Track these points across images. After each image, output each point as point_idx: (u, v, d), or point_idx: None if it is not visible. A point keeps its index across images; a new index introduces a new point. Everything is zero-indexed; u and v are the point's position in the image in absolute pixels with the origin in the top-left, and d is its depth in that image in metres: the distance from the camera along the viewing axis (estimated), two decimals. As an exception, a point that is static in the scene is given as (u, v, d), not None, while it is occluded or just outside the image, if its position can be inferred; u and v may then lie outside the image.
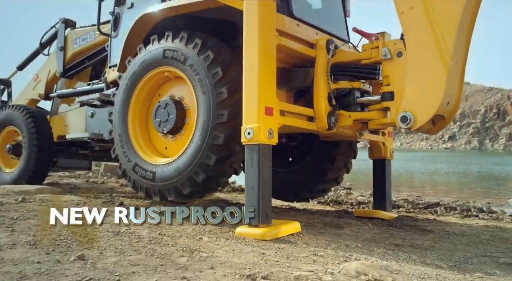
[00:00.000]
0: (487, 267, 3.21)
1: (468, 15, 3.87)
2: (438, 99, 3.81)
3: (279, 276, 2.52)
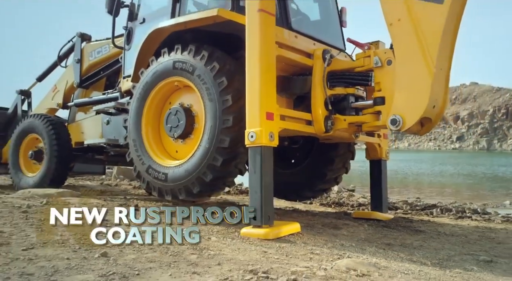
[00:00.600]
0: (466, 264, 3.54)
1: (451, 26, 4.20)
2: (424, 103, 4.14)
3: (278, 271, 2.86)
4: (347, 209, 6.89)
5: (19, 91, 8.00)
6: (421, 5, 4.20)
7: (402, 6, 4.28)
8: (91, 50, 6.89)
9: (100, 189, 8.57)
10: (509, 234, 5.16)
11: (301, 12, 5.74)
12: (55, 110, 7.34)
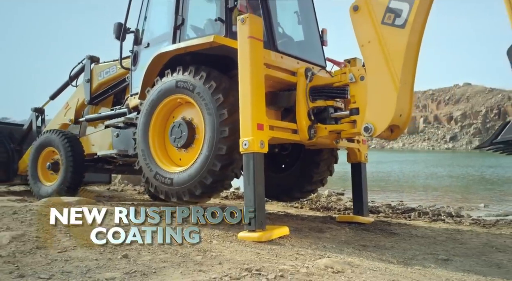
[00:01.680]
0: (426, 262, 4.19)
1: (412, 47, 4.87)
2: (391, 112, 4.81)
3: (268, 269, 3.50)
4: (334, 213, 7.53)
5: (33, 109, 8.62)
6: (387, 29, 4.90)
7: (371, 30, 4.98)
8: (100, 71, 7.49)
9: (108, 194, 9.21)
10: (473, 235, 5.81)
11: (286, 34, 6.36)
12: (68, 125, 7.94)
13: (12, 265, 3.39)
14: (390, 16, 4.92)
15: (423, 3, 4.83)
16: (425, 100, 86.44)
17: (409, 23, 4.81)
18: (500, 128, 4.10)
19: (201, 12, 6.30)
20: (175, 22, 5.78)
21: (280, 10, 6.36)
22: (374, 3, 5.03)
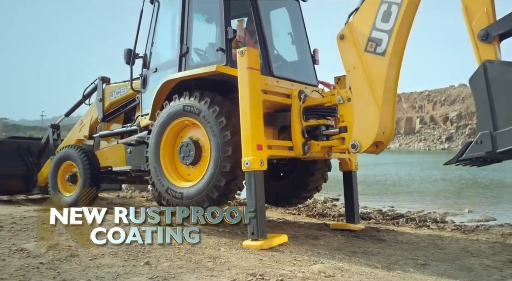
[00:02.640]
0: (407, 267, 4.78)
1: (392, 71, 5.49)
2: (375, 130, 5.43)
3: (270, 274, 4.09)
4: (329, 220, 8.11)
5: (50, 125, 9.25)
6: (370, 56, 5.52)
7: (356, 57, 5.61)
8: (111, 91, 8.06)
9: (118, 201, 9.80)
10: (452, 241, 6.40)
11: (281, 57, 6.92)
12: (83, 140, 8.50)
13: (54, 271, 3.96)
14: (372, 44, 5.55)
15: (400, 34, 5.45)
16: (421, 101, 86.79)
17: (388, 52, 5.44)
18: (464, 147, 4.71)
19: (203, 37, 6.89)
20: (180, 50, 6.35)
21: (274, 32, 6.95)
22: (357, 33, 5.65)
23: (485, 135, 4.53)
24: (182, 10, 6.41)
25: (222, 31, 6.01)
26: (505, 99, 4.49)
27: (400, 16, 5.37)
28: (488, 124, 4.54)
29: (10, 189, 8.96)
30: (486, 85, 4.57)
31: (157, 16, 6.97)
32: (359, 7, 5.70)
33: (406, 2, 5.34)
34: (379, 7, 5.50)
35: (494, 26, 4.71)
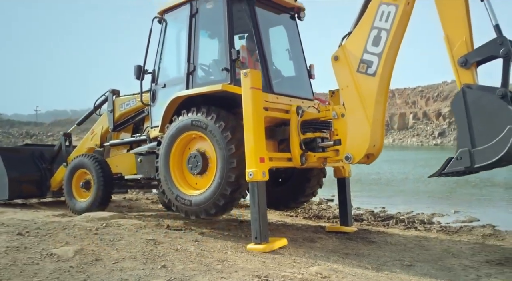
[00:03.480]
0: (394, 268, 5.31)
1: (382, 91, 6.02)
2: (366, 144, 5.97)
3: (273, 275, 4.60)
4: (324, 222, 8.65)
5: (63, 134, 9.72)
6: (361, 77, 6.05)
7: (349, 76, 6.14)
8: (121, 103, 8.56)
9: (126, 204, 10.30)
10: (437, 242, 6.94)
11: (280, 73, 7.40)
12: (93, 148, 9.00)
13: (83, 274, 4.44)
14: (363, 66, 6.07)
15: (389, 57, 5.97)
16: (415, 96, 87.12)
17: (378, 73, 5.96)
18: (446, 162, 5.27)
19: (209, 55, 7.38)
20: (188, 69, 6.84)
21: (273, 49, 7.44)
22: (350, 55, 6.18)
23: (464, 152, 5.08)
24: (189, 31, 6.88)
25: (226, 53, 6.50)
26: (480, 120, 5.04)
27: (389, 41, 5.89)
28: (467, 142, 5.09)
29: (25, 194, 9.46)
30: (465, 107, 5.12)
31: (165, 35, 7.45)
32: (352, 31, 6.23)
33: (394, 29, 5.86)
34: (370, 32, 6.02)
35: (472, 54, 5.26)
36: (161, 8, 7.44)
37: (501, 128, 4.89)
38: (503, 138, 4.87)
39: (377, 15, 5.97)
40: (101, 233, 6.09)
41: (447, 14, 5.44)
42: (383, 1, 5.94)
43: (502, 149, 4.88)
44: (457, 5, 5.38)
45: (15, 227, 6.18)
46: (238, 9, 6.73)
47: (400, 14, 5.85)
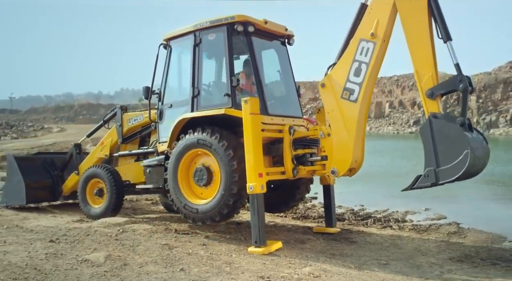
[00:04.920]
0: (372, 267, 6.24)
1: (362, 114, 6.93)
2: (349, 160, 6.90)
3: (274, 276, 5.46)
4: (311, 222, 9.59)
5: (73, 144, 10.48)
6: (345, 102, 6.95)
7: (334, 102, 7.04)
8: (129, 118, 9.31)
9: (128, 206, 11.05)
10: (409, 241, 7.91)
11: (273, 95, 8.17)
12: (103, 159, 9.72)
13: (117, 278, 5.22)
14: (346, 93, 6.97)
15: (369, 86, 6.87)
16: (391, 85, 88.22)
17: (359, 100, 6.87)
18: (415, 179, 6.23)
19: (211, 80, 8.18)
20: (192, 93, 7.62)
21: (266, 72, 8.26)
22: (335, 83, 7.07)
23: (431, 171, 6.03)
24: (193, 58, 7.65)
25: (227, 80, 7.30)
26: (444, 145, 5.98)
27: (368, 72, 6.79)
28: (432, 163, 6.04)
29: (40, 198, 10.18)
30: (431, 134, 6.07)
31: (169, 60, 8.22)
32: (336, 62, 7.11)
33: (373, 62, 6.75)
34: (351, 64, 6.91)
35: (437, 87, 6.19)
36: (167, 36, 8.18)
37: (460, 152, 5.84)
38: (461, 160, 5.82)
39: (358, 50, 6.86)
40: (120, 238, 6.87)
41: (416, 54, 6.36)
42: (363, 38, 6.82)
43: (461, 169, 5.84)
44: (425, 46, 6.30)
45: (44, 234, 6.94)
46: (237, 40, 7.52)
47: (378, 50, 6.74)
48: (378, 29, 6.70)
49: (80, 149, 10.29)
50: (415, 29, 6.39)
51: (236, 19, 7.30)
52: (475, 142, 5.96)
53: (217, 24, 7.46)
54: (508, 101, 55.65)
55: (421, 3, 6.31)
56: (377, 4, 6.75)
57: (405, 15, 6.47)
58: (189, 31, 7.78)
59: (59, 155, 11.17)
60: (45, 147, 24.83)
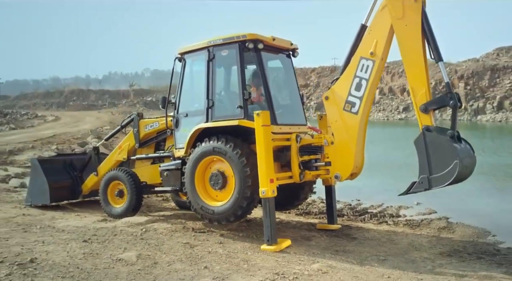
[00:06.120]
0: (372, 262, 6.92)
1: (362, 124, 7.59)
2: (351, 166, 7.59)
3: (287, 272, 6.10)
4: (313, 217, 10.28)
5: (92, 147, 11.07)
6: (347, 114, 7.61)
7: (337, 113, 7.69)
8: (146, 125, 9.89)
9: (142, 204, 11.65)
10: (403, 236, 8.61)
11: (280, 104, 8.75)
12: (120, 161, 10.33)
13: (151, 276, 5.82)
14: (348, 105, 7.62)
15: (368, 99, 7.52)
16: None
17: (360, 112, 7.52)
18: (410, 185, 6.92)
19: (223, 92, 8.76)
20: (207, 104, 8.22)
21: (274, 83, 8.87)
22: (338, 96, 7.72)
23: (424, 178, 6.72)
24: (207, 72, 8.25)
25: (240, 93, 7.91)
26: (436, 155, 6.67)
27: (368, 87, 7.44)
28: (426, 171, 6.73)
29: (62, 197, 10.80)
30: (425, 145, 6.74)
31: (184, 72, 8.82)
32: (339, 77, 7.75)
33: (372, 78, 7.40)
34: (353, 80, 7.55)
35: (430, 103, 6.85)
36: (181, 50, 8.77)
37: (450, 161, 6.54)
38: (451, 169, 6.52)
39: (358, 67, 7.50)
40: (145, 238, 7.49)
41: (411, 72, 7.02)
42: (363, 56, 7.46)
43: (451, 176, 6.54)
44: (419, 66, 6.96)
45: (76, 234, 7.55)
46: (247, 55, 8.12)
47: (377, 67, 7.38)
48: (377, 49, 7.33)
49: (98, 151, 10.89)
50: (410, 50, 7.03)
51: (247, 38, 7.89)
52: (463, 152, 6.66)
53: (230, 42, 8.06)
54: (495, 88, 56.52)
55: (416, 26, 6.95)
56: (376, 26, 7.38)
57: (401, 37, 7.10)
58: (203, 47, 8.36)
59: (77, 156, 11.81)
60: (47, 139, 25.08)
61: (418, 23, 6.92)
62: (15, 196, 11.72)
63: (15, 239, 7.13)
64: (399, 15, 7.04)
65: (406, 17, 6.99)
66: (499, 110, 54.23)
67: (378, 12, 7.31)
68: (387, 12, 7.15)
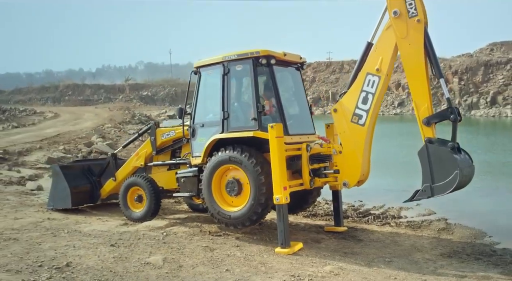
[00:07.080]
0: (379, 264, 7.39)
1: (368, 136, 8.02)
2: (358, 174, 8.04)
3: (302, 274, 6.55)
4: (319, 219, 10.76)
5: (110, 154, 11.54)
6: (354, 126, 8.05)
7: (345, 124, 8.14)
8: (162, 133, 10.32)
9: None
10: (405, 238, 9.07)
11: (290, 114, 9.14)
12: (137, 167, 10.77)
13: (178, 278, 6.25)
14: (355, 117, 8.08)
15: (374, 112, 7.98)
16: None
17: (366, 124, 7.99)
18: (414, 193, 7.40)
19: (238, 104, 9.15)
20: (223, 116, 8.65)
21: (284, 94, 9.32)
22: (345, 108, 8.17)
23: (427, 186, 7.20)
24: (222, 86, 8.69)
25: (254, 106, 8.37)
26: (438, 165, 7.14)
27: (374, 101, 7.89)
28: (428, 180, 7.20)
29: (82, 201, 11.27)
30: (428, 156, 7.21)
31: (199, 84, 9.26)
32: (347, 91, 8.22)
33: (378, 93, 7.85)
34: (360, 94, 8.00)
35: (432, 117, 7.32)
36: (197, 64, 9.21)
37: (451, 171, 7.02)
38: (452, 178, 7.00)
39: (365, 82, 7.95)
40: (167, 241, 7.95)
41: (414, 88, 7.47)
42: (369, 72, 7.92)
43: (452, 185, 7.03)
44: (422, 82, 7.41)
45: (102, 238, 8.00)
46: (260, 70, 8.57)
47: (382, 82, 7.84)
48: (383, 65, 7.78)
49: (116, 157, 11.34)
50: (413, 67, 7.49)
51: (260, 54, 8.33)
52: (463, 163, 7.14)
53: (244, 57, 8.50)
54: (489, 83, 56.94)
55: (419, 45, 7.40)
56: (381, 44, 7.82)
57: (405, 55, 7.55)
58: (218, 61, 8.81)
59: (94, 162, 12.29)
60: (52, 139, 25.34)
61: (420, 42, 7.37)
62: (34, 199, 12.19)
63: (47, 243, 7.57)
64: (403, 35, 7.48)
65: (410, 36, 7.44)
66: (493, 105, 54.64)
67: (384, 31, 7.76)
68: (392, 32, 7.59)
